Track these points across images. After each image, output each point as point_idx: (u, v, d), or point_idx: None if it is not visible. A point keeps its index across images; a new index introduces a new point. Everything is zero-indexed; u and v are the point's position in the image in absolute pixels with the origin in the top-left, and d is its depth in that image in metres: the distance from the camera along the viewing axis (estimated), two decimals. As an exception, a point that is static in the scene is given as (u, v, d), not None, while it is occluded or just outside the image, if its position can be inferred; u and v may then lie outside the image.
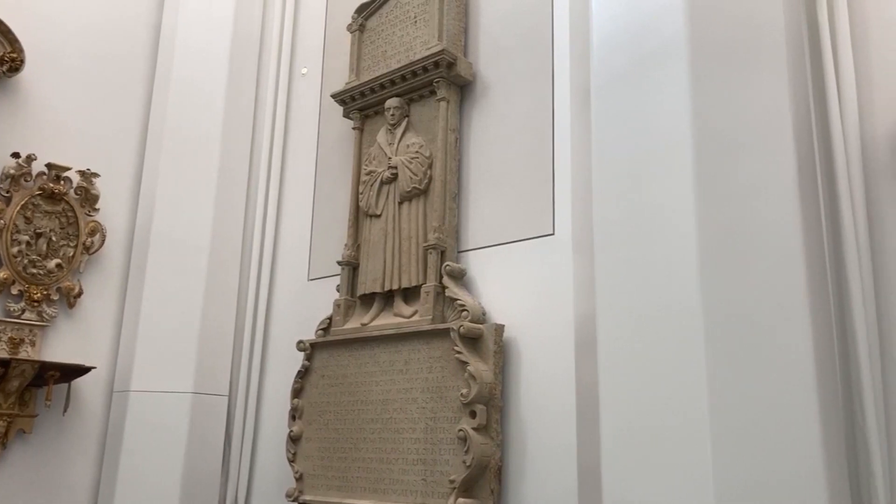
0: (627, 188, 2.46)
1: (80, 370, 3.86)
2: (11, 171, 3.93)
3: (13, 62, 3.95)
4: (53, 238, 4.04)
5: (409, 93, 3.74)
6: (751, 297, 2.18)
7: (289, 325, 4.20)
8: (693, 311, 2.20)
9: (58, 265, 4.03)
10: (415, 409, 3.27)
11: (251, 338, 4.30)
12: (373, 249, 3.71)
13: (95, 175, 4.20)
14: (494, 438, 3.06)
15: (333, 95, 4.08)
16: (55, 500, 3.90)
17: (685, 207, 2.28)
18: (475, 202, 3.53)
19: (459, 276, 3.41)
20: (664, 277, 2.30)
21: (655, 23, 2.47)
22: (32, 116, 4.10)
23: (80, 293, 4.09)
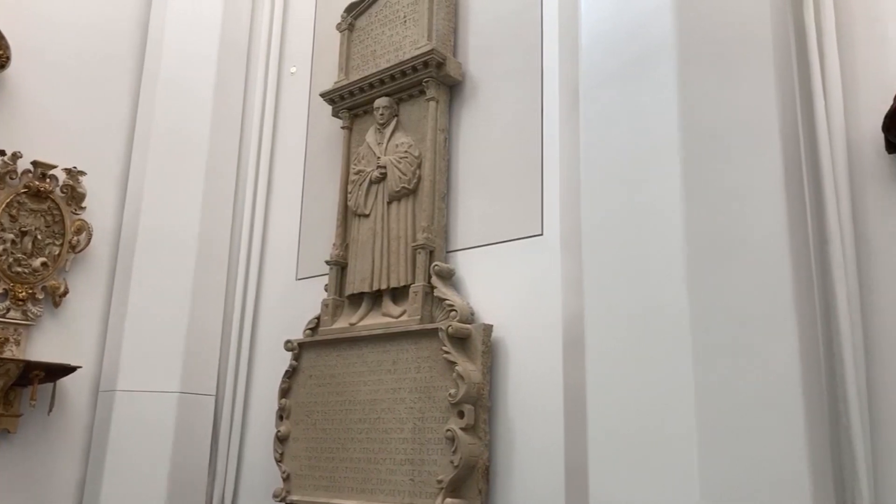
0: (616, 189, 2.47)
1: (66, 369, 3.83)
2: (-4, 169, 3.91)
3: (-1, 58, 3.92)
4: (39, 236, 4.01)
5: (399, 92, 3.73)
6: (737, 298, 2.20)
7: (277, 325, 4.19)
8: (680, 312, 2.21)
9: (43, 264, 4.00)
10: (403, 409, 3.26)
11: (239, 337, 4.28)
12: (361, 249, 3.71)
13: (82, 173, 4.17)
14: (482, 438, 3.06)
15: (322, 95, 4.07)
16: (40, 501, 3.87)
17: (673, 208, 2.29)
18: (464, 202, 3.53)
19: (448, 276, 3.41)
20: (652, 278, 2.31)
21: (644, 24, 2.48)
22: (18, 114, 4.06)
23: (66, 292, 4.06)
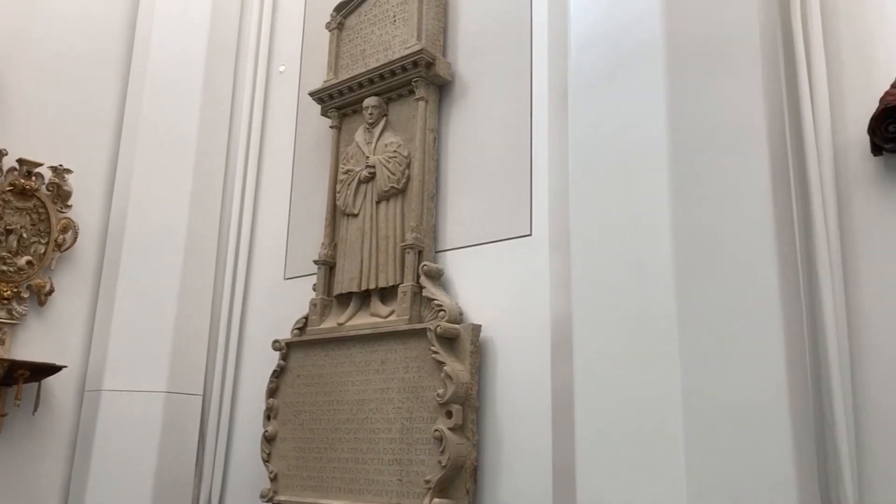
0: (604, 190, 2.48)
1: (51, 369, 3.81)
2: (-19, 167, 3.88)
3: (-17, 56, 3.89)
4: (24, 235, 3.98)
5: (388, 92, 3.73)
6: (724, 299, 2.21)
7: (264, 325, 4.17)
8: (667, 312, 2.22)
9: (28, 262, 3.97)
10: (391, 409, 3.26)
11: (226, 337, 4.26)
12: (350, 249, 3.70)
13: (68, 171, 4.14)
14: (470, 438, 3.06)
15: (311, 94, 4.06)
16: (25, 501, 3.83)
17: (661, 209, 2.30)
18: (453, 202, 3.53)
19: (437, 276, 3.41)
20: (639, 278, 2.32)
21: (632, 26, 2.49)
22: (3, 111, 4.02)
23: (52, 291, 4.03)
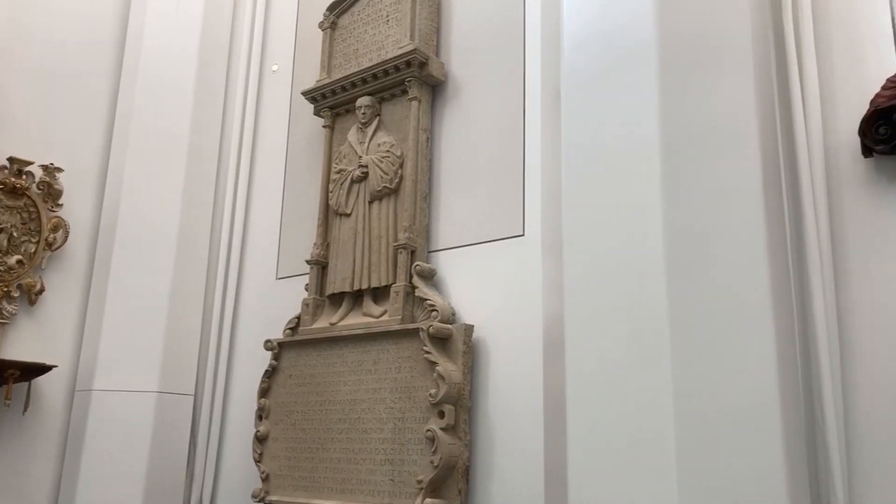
0: (596, 190, 2.48)
1: (42, 368, 3.79)
2: (-29, 165, 3.86)
3: (-27, 53, 3.87)
4: (14, 234, 3.96)
5: (381, 92, 3.72)
6: (716, 299, 2.21)
7: (256, 324, 4.15)
8: (659, 313, 2.23)
9: (19, 261, 3.95)
10: (383, 410, 3.26)
11: (218, 336, 4.24)
12: (342, 248, 3.69)
13: (59, 170, 4.12)
14: (462, 438, 3.06)
15: (304, 93, 4.05)
16: (14, 502, 3.81)
17: (653, 209, 2.30)
18: (446, 202, 3.53)
19: (429, 276, 3.41)
20: (631, 279, 2.32)
21: (625, 27, 2.49)
22: (-6, 109, 4.02)
23: (42, 290, 4.01)
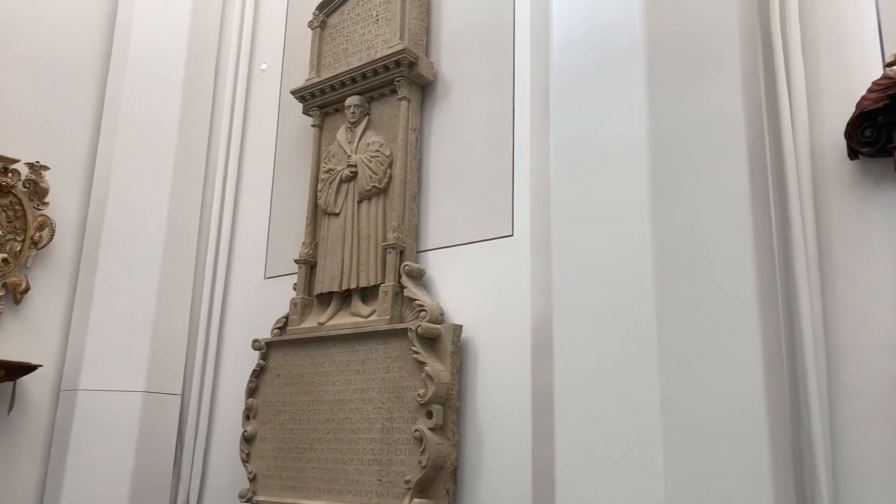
0: (585, 191, 2.49)
1: (27, 368, 3.77)
2: (-44, 163, 3.83)
3: (-42, 50, 3.84)
4: (0, 232, 3.93)
5: (370, 91, 3.72)
6: (703, 300, 2.23)
7: (244, 324, 4.14)
8: (647, 314, 2.24)
9: (4, 260, 3.92)
10: (371, 410, 3.25)
11: (205, 336, 4.22)
12: (331, 248, 3.68)
13: (45, 168, 4.09)
14: (451, 439, 3.06)
15: (293, 92, 4.04)
16: (-2, 502, 3.80)
17: (640, 210, 2.31)
18: (435, 202, 3.53)
19: (418, 276, 3.40)
20: (619, 279, 2.33)
21: (614, 28, 2.50)
22: (-21, 106, 3.98)
23: (28, 289, 3.98)
